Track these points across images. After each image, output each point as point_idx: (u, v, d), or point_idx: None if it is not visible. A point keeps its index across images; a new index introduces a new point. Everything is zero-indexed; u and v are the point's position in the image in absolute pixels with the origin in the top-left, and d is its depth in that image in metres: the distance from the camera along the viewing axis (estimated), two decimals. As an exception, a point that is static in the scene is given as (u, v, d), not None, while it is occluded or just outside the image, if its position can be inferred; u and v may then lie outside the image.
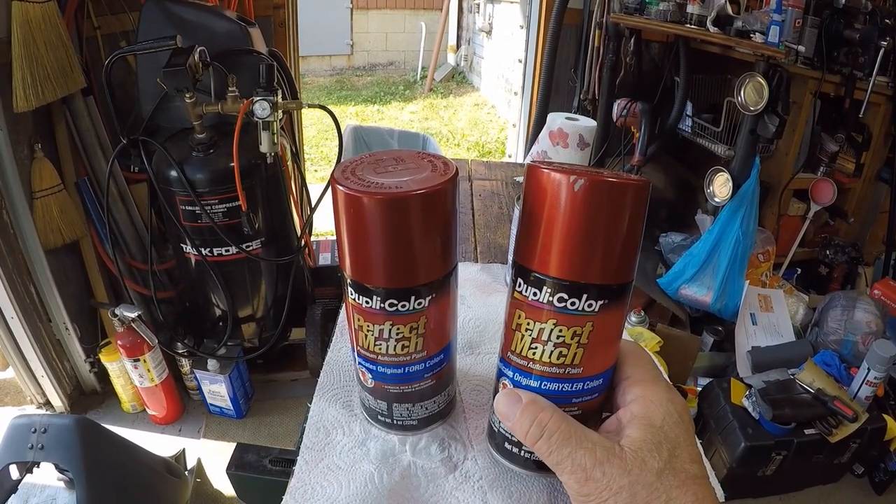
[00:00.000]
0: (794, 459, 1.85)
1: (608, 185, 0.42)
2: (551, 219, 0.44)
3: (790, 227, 2.57)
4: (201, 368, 2.10)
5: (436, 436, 0.62)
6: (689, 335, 2.09)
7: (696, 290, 2.07)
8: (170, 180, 1.72)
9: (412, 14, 8.20)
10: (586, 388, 0.50)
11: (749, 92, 1.96)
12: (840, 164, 2.64)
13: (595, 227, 0.44)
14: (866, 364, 1.92)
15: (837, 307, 2.21)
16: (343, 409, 0.65)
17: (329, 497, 0.56)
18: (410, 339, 0.53)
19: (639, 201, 0.45)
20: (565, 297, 0.46)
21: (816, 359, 2.07)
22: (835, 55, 2.42)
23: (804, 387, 1.91)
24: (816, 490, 2.07)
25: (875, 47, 2.39)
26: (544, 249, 0.45)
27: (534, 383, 0.50)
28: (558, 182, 0.43)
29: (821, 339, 2.20)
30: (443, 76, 7.86)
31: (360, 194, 0.45)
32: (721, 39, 2.03)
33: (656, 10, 2.16)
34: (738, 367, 2.06)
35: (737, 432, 1.81)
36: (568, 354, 0.48)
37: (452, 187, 0.48)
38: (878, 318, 2.17)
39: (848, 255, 2.66)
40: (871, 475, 2.13)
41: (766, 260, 2.30)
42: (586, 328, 0.47)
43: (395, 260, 0.48)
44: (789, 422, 1.81)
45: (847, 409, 1.87)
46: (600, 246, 0.45)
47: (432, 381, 0.57)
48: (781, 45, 1.95)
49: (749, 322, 2.14)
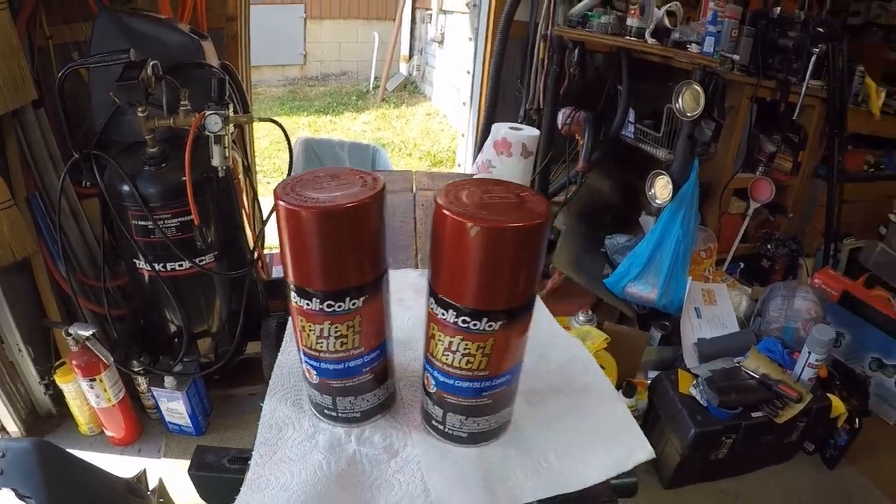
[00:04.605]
0: (744, 442, 1.96)
1: (501, 230, 0.50)
2: (452, 256, 0.53)
3: (732, 225, 2.71)
4: (158, 386, 2.10)
5: (378, 426, 0.69)
6: (635, 331, 2.20)
7: (642, 288, 2.18)
8: (122, 195, 1.73)
9: (365, 24, 8.27)
10: (494, 384, 0.60)
11: (687, 99, 2.08)
12: (778, 163, 2.80)
13: (490, 265, 0.52)
14: (807, 348, 2.05)
15: (778, 297, 2.34)
16: (293, 407, 0.72)
17: (282, 485, 0.62)
18: (348, 337, 0.60)
19: (533, 240, 0.53)
20: (468, 320, 0.54)
21: (760, 346, 2.19)
22: (770, 62, 2.57)
23: (749, 373, 2.03)
24: (770, 469, 2.19)
25: (807, 54, 2.55)
26: (447, 280, 0.54)
27: (449, 381, 0.60)
28: (457, 226, 0.50)
29: (764, 328, 2.33)
30: (395, 86, 7.93)
31: (297, 208, 0.52)
32: (659, 50, 2.14)
33: (598, 23, 2.27)
34: (686, 359, 2.17)
35: (686, 420, 1.91)
36: (474, 362, 0.57)
37: (378, 200, 0.55)
38: (816, 305, 2.30)
39: (789, 248, 2.82)
40: (822, 452, 2.27)
41: (708, 256, 2.42)
42: (489, 342, 0.56)
43: (330, 265, 0.56)
44: (736, 406, 1.91)
45: (791, 391, 1.99)
46: (497, 280, 0.53)
47: (371, 375, 0.64)
48: (716, 54, 2.07)
49: (694, 316, 2.25)
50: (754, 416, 1.96)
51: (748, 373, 2.03)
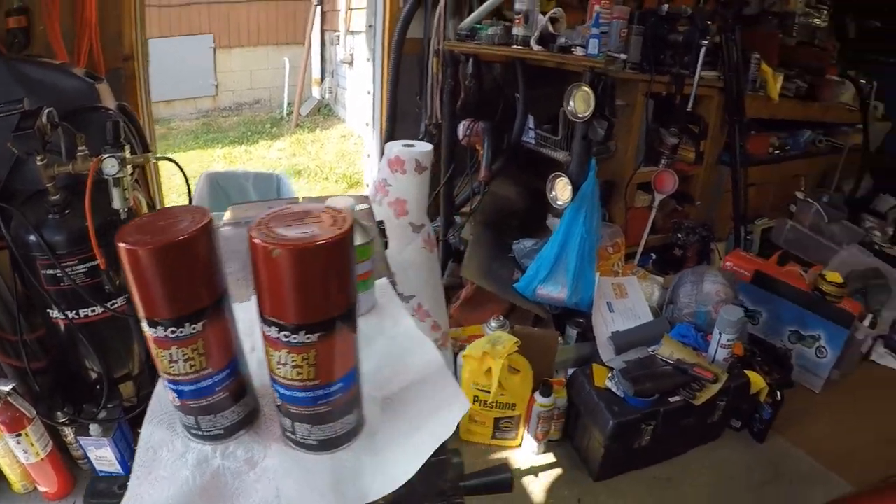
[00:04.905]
0: (665, 427, 2.08)
1: (299, 250, 0.59)
2: (262, 276, 0.62)
3: (639, 218, 2.88)
4: (84, 435, 2.11)
5: (242, 441, 0.77)
6: (545, 332, 2.31)
7: (552, 289, 2.29)
8: (29, 245, 1.73)
9: (275, 50, 8.32)
10: (328, 392, 0.70)
11: (578, 101, 2.21)
12: (682, 154, 2.99)
13: (296, 283, 0.62)
14: (718, 329, 2.19)
15: (687, 283, 2.50)
16: (168, 430, 0.79)
17: (154, 501, 0.70)
18: (195, 359, 0.68)
19: (335, 255, 0.63)
20: (288, 334, 0.64)
21: (674, 333, 2.33)
22: (662, 58, 2.75)
23: (664, 360, 2.16)
24: (700, 449, 2.33)
25: (697, 47, 2.74)
26: (265, 300, 0.64)
27: (288, 392, 0.70)
28: (262, 249, 0.60)
29: (676, 315, 2.48)
30: (309, 110, 7.99)
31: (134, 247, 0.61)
32: (546, 56, 2.28)
33: (486, 34, 2.40)
34: (601, 353, 2.29)
35: (604, 412, 2.02)
36: (304, 372, 0.67)
37: (204, 233, 0.64)
38: (726, 287, 2.47)
39: (699, 235, 3.01)
40: (749, 427, 2.43)
41: (616, 251, 2.58)
42: (311, 353, 0.65)
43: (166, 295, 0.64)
44: (652, 394, 2.04)
45: (707, 372, 2.13)
46: (303, 295, 0.63)
47: (226, 393, 0.73)
48: (601, 55, 2.21)
49: (606, 310, 2.38)
50: (672, 401, 2.08)
51: (663, 360, 2.16)
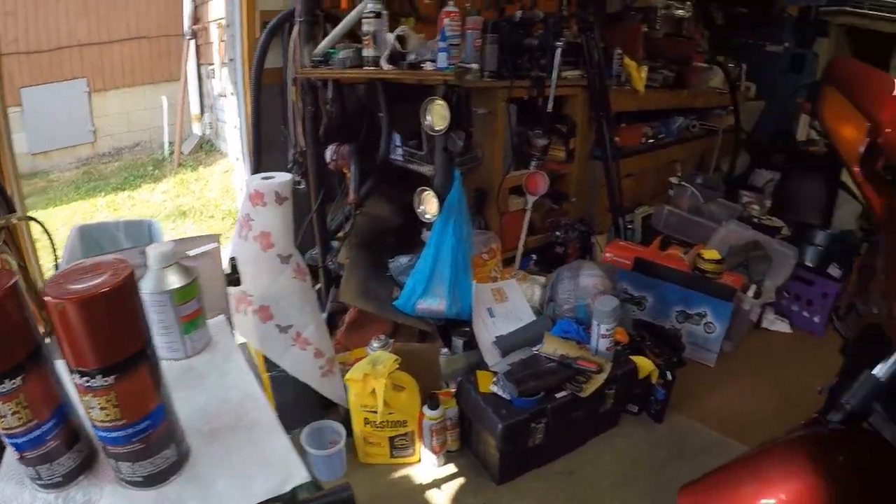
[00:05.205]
0: (557, 423, 2.20)
1: (82, 300, 0.69)
2: (56, 328, 0.72)
3: (515, 222, 3.04)
4: None
5: (81, 486, 0.85)
6: (425, 346, 2.43)
7: (431, 302, 2.38)
8: None
9: (152, 88, 8.20)
10: (137, 430, 0.79)
11: (434, 115, 2.34)
12: (552, 154, 3.19)
13: (84, 330, 0.71)
14: (595, 321, 2.34)
15: (564, 279, 2.66)
16: (17, 485, 0.86)
17: (2, 553, 0.77)
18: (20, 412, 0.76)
19: (117, 302, 0.72)
20: (88, 379, 0.75)
21: (555, 329, 2.47)
22: (520, 63, 2.93)
23: (548, 357, 2.29)
24: (600, 438, 2.46)
25: (552, 49, 2.93)
26: (62, 349, 0.74)
27: (103, 433, 0.79)
28: (51, 305, 0.70)
29: (557, 312, 2.62)
30: (191, 148, 7.90)
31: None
32: (396, 75, 2.39)
33: (338, 58, 2.48)
34: (487, 359, 2.40)
35: (492, 417, 2.11)
36: (110, 414, 0.77)
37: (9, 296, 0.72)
38: (603, 279, 2.64)
39: (578, 230, 3.21)
40: (647, 410, 2.59)
41: (491, 257, 2.72)
42: (112, 394, 0.75)
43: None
44: (537, 392, 2.16)
45: (591, 364, 2.28)
46: (94, 341, 0.73)
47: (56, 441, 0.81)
48: (451, 67, 2.35)
49: (487, 316, 2.51)
50: (559, 396, 2.19)
51: (547, 357, 2.29)
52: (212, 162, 7.60)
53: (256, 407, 0.99)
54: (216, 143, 8.07)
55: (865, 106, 1.25)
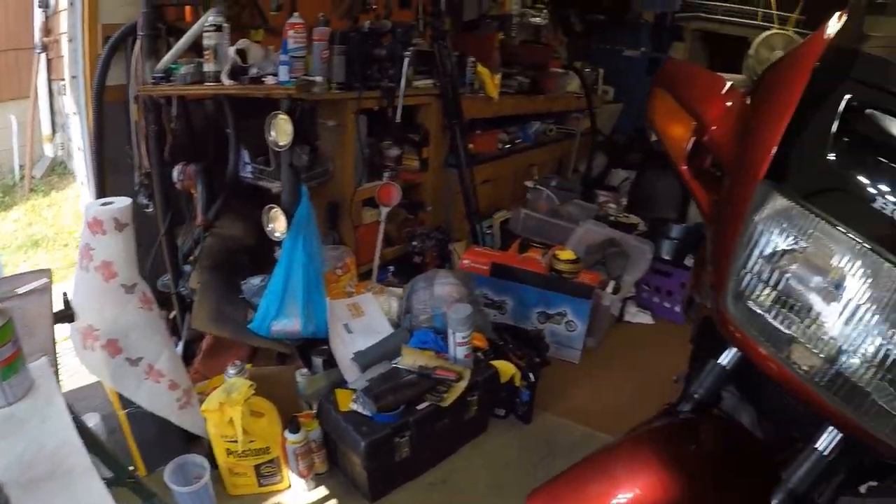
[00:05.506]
0: (421, 434, 2.23)
1: None
2: None
3: (371, 234, 3.07)
4: None
5: None
6: (280, 368, 2.41)
7: (286, 323, 2.36)
8: None
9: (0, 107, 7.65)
10: None
11: (278, 130, 2.32)
12: (406, 164, 3.24)
13: None
14: (450, 329, 2.39)
15: (420, 290, 2.69)
16: None
17: None
18: None
19: None
20: None
21: (414, 341, 2.50)
22: (369, 73, 2.93)
23: (407, 369, 2.33)
24: (470, 445, 2.49)
25: (400, 59, 2.95)
26: None
27: None
28: None
29: (414, 322, 2.65)
30: (44, 170, 7.41)
31: None
32: (236, 90, 2.37)
33: (180, 74, 2.43)
34: (346, 376, 2.39)
35: (353, 435, 2.11)
36: None
37: None
38: (458, 287, 2.69)
39: (435, 239, 3.27)
40: (513, 412, 2.65)
41: (345, 272, 2.72)
42: None
43: None
44: (396, 406, 2.17)
45: (450, 372, 2.33)
46: None
47: None
48: (293, 81, 2.33)
49: (344, 332, 2.50)
50: (420, 408, 2.22)
51: (406, 369, 2.32)
52: (65, 186, 7.14)
53: (73, 453, 0.98)
54: (69, 164, 7.59)
55: (693, 105, 1.31)
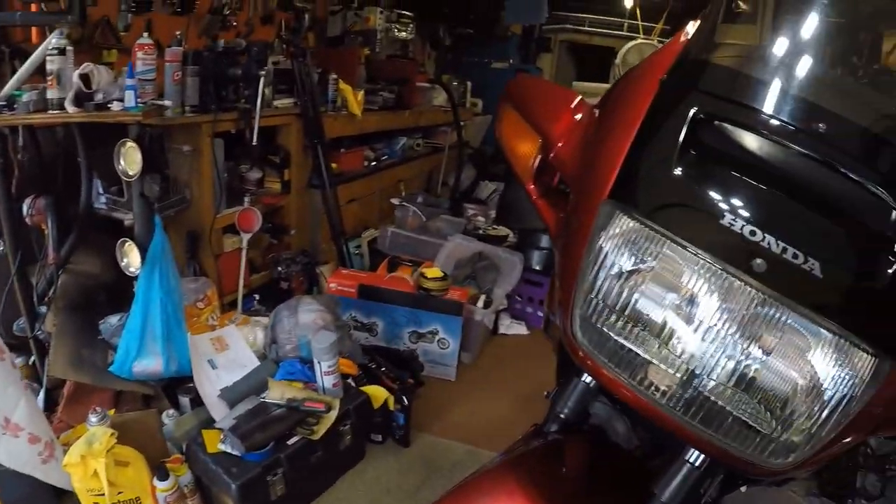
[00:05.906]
0: (295, 470, 2.15)
1: None
2: None
3: (233, 263, 2.97)
4: None
5: None
6: (142, 412, 2.24)
7: (147, 363, 2.24)
8: None
9: None
10: None
11: (127, 158, 2.21)
12: (268, 187, 3.18)
13: None
14: (315, 358, 2.34)
15: (283, 318, 2.61)
16: None
17: None
18: None
19: None
20: None
21: (281, 372, 2.45)
22: (225, 94, 2.84)
23: (276, 403, 2.25)
24: (349, 474, 2.43)
25: (256, 78, 2.88)
26: None
27: None
28: None
29: (281, 353, 2.58)
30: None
31: None
32: (81, 118, 2.22)
33: (23, 102, 2.26)
34: (214, 414, 2.28)
35: (223, 478, 2.02)
36: None
37: None
38: (323, 313, 2.61)
39: (301, 264, 3.21)
40: (391, 436, 2.62)
41: (207, 305, 2.62)
42: None
43: None
44: (265, 444, 2.10)
45: (318, 403, 2.27)
46: None
47: None
48: (139, 106, 2.23)
49: (208, 368, 2.40)
50: (291, 443, 2.15)
51: (275, 403, 2.24)
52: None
53: None
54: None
55: (538, 121, 1.27)
